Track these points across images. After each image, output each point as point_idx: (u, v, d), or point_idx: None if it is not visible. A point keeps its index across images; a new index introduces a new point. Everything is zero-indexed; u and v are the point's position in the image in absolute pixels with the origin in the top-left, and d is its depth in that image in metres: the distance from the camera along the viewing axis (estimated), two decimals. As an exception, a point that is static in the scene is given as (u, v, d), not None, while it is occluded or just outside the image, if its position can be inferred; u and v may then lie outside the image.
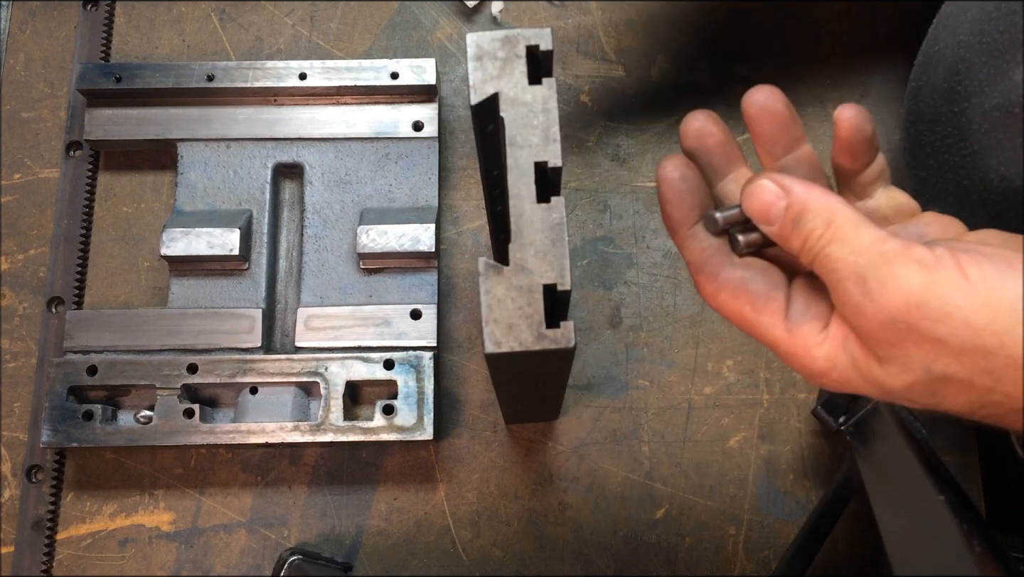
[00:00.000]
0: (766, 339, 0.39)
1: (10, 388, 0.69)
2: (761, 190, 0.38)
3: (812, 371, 0.38)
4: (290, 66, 0.69)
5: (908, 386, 0.35)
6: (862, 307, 0.35)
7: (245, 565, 0.66)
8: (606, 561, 0.65)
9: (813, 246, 0.36)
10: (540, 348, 0.38)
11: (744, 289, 0.39)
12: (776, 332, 0.38)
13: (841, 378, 0.37)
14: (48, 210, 0.72)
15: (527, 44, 0.40)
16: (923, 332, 0.34)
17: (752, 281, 0.39)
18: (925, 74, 0.55)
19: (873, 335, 0.35)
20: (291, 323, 0.68)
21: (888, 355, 0.35)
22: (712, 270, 0.40)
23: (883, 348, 0.35)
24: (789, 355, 0.38)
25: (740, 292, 0.39)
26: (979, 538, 0.42)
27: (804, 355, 0.38)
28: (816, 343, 0.37)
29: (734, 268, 0.40)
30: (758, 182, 0.38)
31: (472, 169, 0.73)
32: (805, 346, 0.38)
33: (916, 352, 0.34)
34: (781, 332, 0.38)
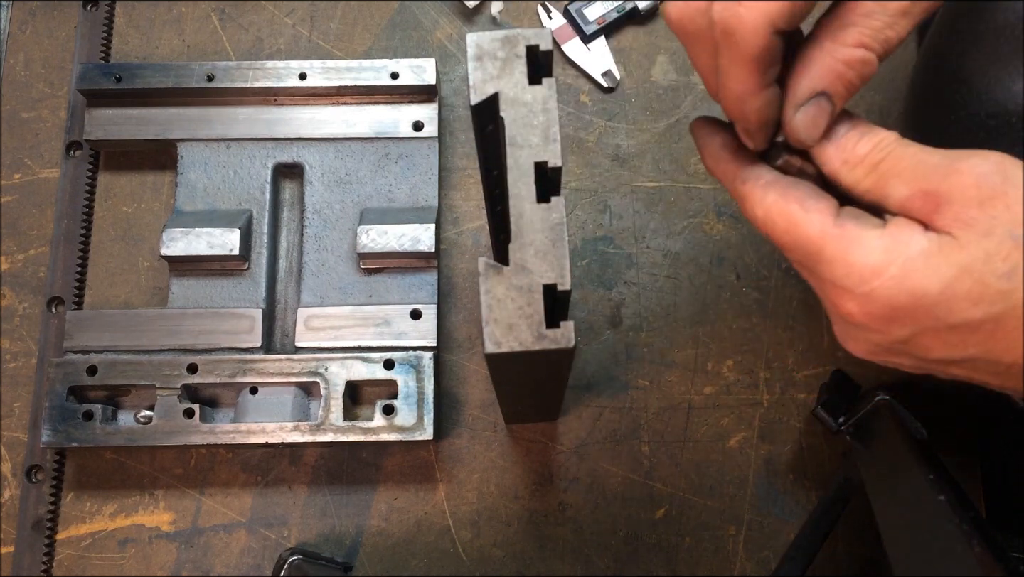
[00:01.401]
0: (812, 240, 0.37)
1: (10, 388, 0.69)
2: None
3: (865, 267, 0.35)
4: (290, 66, 0.69)
5: (989, 255, 0.34)
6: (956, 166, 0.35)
7: (245, 565, 0.66)
8: (606, 561, 0.65)
9: (888, 145, 0.37)
10: (540, 348, 0.38)
11: (794, 190, 0.38)
12: (825, 228, 0.36)
13: (900, 273, 0.35)
14: (48, 210, 0.72)
15: (527, 44, 0.40)
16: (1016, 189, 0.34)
17: (803, 185, 0.38)
18: (923, 80, 0.55)
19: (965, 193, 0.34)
20: (291, 323, 0.68)
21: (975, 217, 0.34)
22: (759, 176, 0.39)
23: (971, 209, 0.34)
24: (839, 251, 0.36)
25: (789, 192, 0.38)
26: (979, 538, 0.42)
27: (858, 247, 0.35)
28: (873, 235, 0.35)
29: (782, 176, 0.39)
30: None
31: (472, 169, 0.73)
32: (860, 238, 0.36)
33: (1004, 213, 0.34)
34: (831, 228, 0.36)
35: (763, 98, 0.37)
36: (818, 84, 0.37)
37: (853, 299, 0.36)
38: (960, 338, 0.35)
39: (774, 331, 0.69)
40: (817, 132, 0.38)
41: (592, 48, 0.74)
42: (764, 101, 0.38)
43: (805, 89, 0.38)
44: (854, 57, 0.37)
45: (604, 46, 0.74)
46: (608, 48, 0.74)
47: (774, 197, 0.38)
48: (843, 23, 0.37)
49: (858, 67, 0.37)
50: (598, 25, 0.74)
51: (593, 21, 0.74)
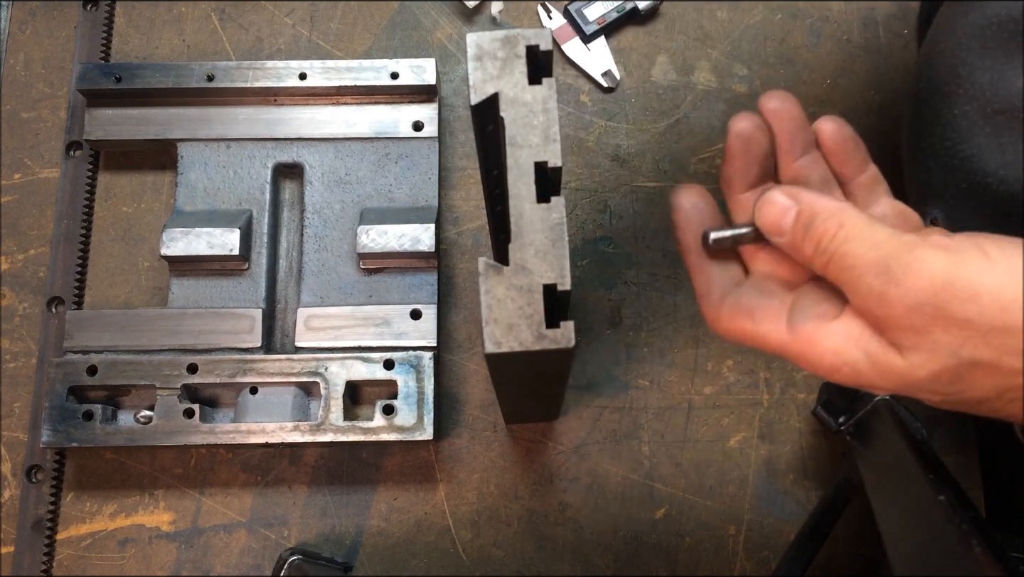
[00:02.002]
0: (771, 346, 0.39)
1: (10, 388, 0.69)
2: (771, 203, 0.39)
3: (822, 367, 0.38)
4: (290, 66, 0.69)
5: (933, 375, 0.35)
6: (886, 295, 0.35)
7: (245, 565, 0.66)
8: (606, 561, 0.65)
9: (827, 247, 0.37)
10: (540, 348, 0.38)
11: (739, 305, 0.40)
12: (779, 336, 0.39)
13: (852, 372, 0.37)
14: (48, 210, 0.72)
15: (527, 44, 0.40)
16: (951, 314, 0.33)
17: (745, 295, 0.40)
18: (925, 76, 0.55)
19: (899, 323, 0.35)
20: (291, 323, 0.68)
21: (913, 344, 0.35)
22: (714, 300, 0.41)
23: (908, 337, 0.35)
24: (797, 355, 0.39)
25: (736, 309, 0.40)
26: (979, 538, 0.42)
27: (811, 351, 0.38)
28: (822, 337, 0.37)
29: (734, 291, 0.41)
30: (767, 195, 0.39)
31: (472, 169, 0.73)
32: (811, 341, 0.38)
33: (943, 337, 0.34)
34: (784, 335, 0.39)
35: None
36: None
37: (827, 379, 0.39)
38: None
39: (774, 331, 0.69)
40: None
41: (592, 48, 0.74)
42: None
43: None
44: None
45: (604, 46, 0.74)
46: (608, 48, 0.74)
47: (728, 314, 0.40)
48: None
49: None
50: (598, 25, 0.74)
51: (593, 21, 0.74)
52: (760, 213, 0.40)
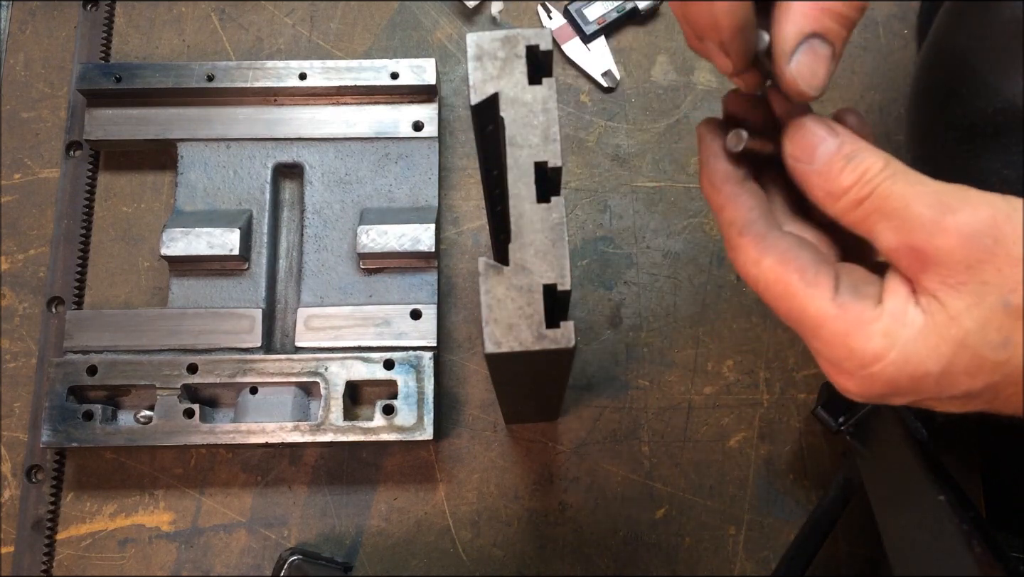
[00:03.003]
0: (809, 316, 0.34)
1: (10, 388, 0.69)
2: (808, 129, 0.35)
3: (866, 353, 0.33)
4: (290, 66, 0.69)
5: (981, 323, 0.32)
6: (941, 223, 0.32)
7: (245, 565, 0.66)
8: (606, 561, 0.65)
9: (873, 178, 0.34)
10: (540, 348, 0.38)
11: (794, 256, 0.35)
12: (824, 306, 0.34)
13: (900, 358, 0.33)
14: (48, 210, 0.72)
15: (527, 44, 0.40)
16: (1009, 251, 0.32)
17: (803, 249, 0.36)
18: (927, 76, 0.55)
19: (950, 256, 0.32)
20: (291, 323, 0.68)
21: (962, 281, 0.32)
22: (758, 231, 0.36)
23: (957, 273, 0.32)
24: (838, 334, 0.34)
25: (789, 259, 0.35)
26: (979, 538, 0.42)
27: (859, 331, 0.34)
28: (872, 318, 0.34)
29: (783, 235, 0.36)
30: (807, 121, 0.35)
31: (472, 169, 0.73)
32: (860, 321, 0.34)
33: (996, 276, 0.32)
34: (830, 307, 0.34)
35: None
36: (804, 26, 0.33)
37: (851, 378, 0.35)
38: (961, 403, 0.35)
39: (774, 331, 0.69)
40: (818, 81, 0.34)
41: (592, 48, 0.74)
42: None
43: (792, 33, 0.33)
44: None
45: (604, 46, 0.74)
46: (608, 48, 0.74)
47: (772, 262, 0.35)
48: None
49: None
50: (598, 25, 0.74)
51: (593, 21, 0.74)
52: (795, 136, 0.35)
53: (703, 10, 0.34)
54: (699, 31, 0.35)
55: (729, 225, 0.37)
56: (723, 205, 0.37)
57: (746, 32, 0.34)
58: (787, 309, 0.35)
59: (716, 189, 0.38)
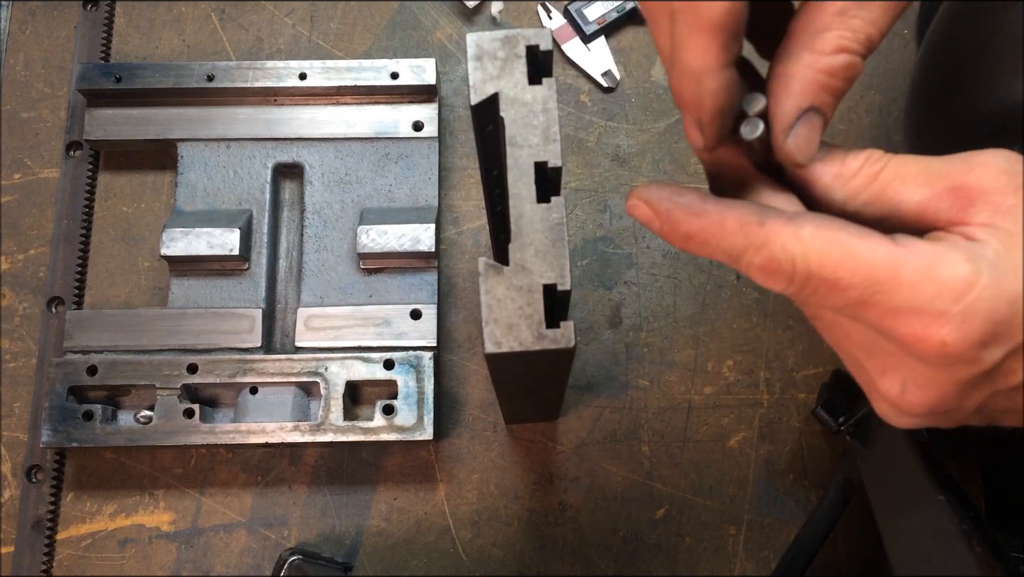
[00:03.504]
0: (879, 266, 0.31)
1: (10, 388, 0.69)
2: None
3: (957, 280, 0.30)
4: (290, 66, 0.69)
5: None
6: (973, 161, 0.32)
7: (245, 565, 0.66)
8: (606, 561, 0.65)
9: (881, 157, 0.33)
10: (540, 348, 0.38)
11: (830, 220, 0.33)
12: (891, 251, 0.31)
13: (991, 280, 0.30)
14: (48, 210, 0.72)
15: (527, 44, 0.40)
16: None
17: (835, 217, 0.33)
18: (925, 76, 0.55)
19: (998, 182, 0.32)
20: (291, 323, 0.68)
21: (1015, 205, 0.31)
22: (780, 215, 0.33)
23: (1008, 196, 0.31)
24: (920, 270, 0.31)
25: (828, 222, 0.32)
26: (979, 538, 0.42)
27: (941, 261, 0.30)
28: (947, 248, 0.31)
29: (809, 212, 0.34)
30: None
31: (472, 169, 0.73)
32: (936, 253, 0.31)
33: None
34: (897, 250, 0.31)
35: (722, 79, 0.32)
36: (803, 101, 0.34)
37: (948, 323, 0.31)
38: None
39: (774, 331, 0.69)
40: (812, 150, 0.34)
41: (592, 48, 0.74)
42: (722, 83, 0.33)
43: (791, 109, 0.34)
44: (837, 65, 0.33)
45: (604, 46, 0.74)
46: (608, 48, 0.74)
47: (812, 229, 0.32)
48: (817, 28, 0.33)
49: (842, 73, 0.33)
50: (598, 25, 0.74)
51: (593, 21, 0.74)
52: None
53: (689, 83, 0.33)
54: (682, 103, 0.34)
55: (744, 227, 0.33)
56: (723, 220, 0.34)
57: (726, 117, 0.34)
58: (851, 272, 0.31)
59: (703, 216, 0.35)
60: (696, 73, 0.32)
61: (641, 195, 0.35)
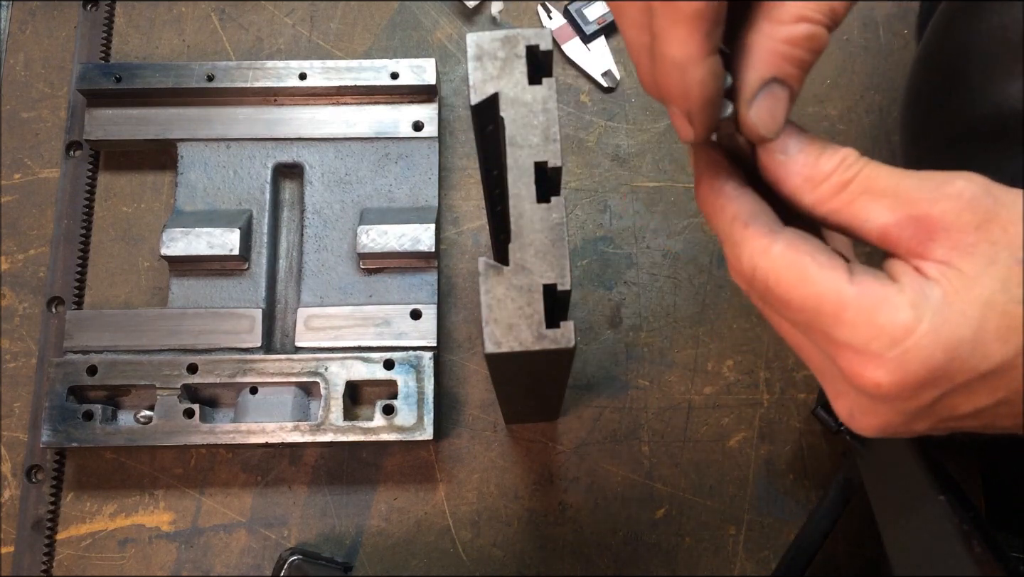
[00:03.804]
0: (828, 299, 0.32)
1: (10, 388, 0.69)
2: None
3: (896, 326, 0.31)
4: (290, 66, 0.69)
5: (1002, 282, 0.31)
6: (941, 191, 0.32)
7: (245, 565, 0.66)
8: (606, 561, 0.65)
9: (854, 163, 0.33)
10: (540, 348, 0.38)
11: (803, 241, 0.34)
12: (843, 287, 0.32)
13: (931, 328, 0.31)
14: (48, 210, 0.72)
15: (527, 44, 0.40)
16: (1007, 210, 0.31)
17: (810, 238, 0.34)
18: (922, 78, 0.55)
19: (960, 218, 0.32)
20: (291, 323, 0.68)
21: (972, 242, 0.31)
22: (765, 222, 0.34)
23: (969, 234, 0.31)
24: (863, 311, 0.32)
25: (799, 244, 0.33)
26: (979, 538, 0.42)
27: (884, 306, 0.31)
28: (894, 291, 0.32)
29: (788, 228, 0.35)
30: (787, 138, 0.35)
31: (472, 169, 0.73)
32: (884, 296, 0.32)
33: (1002, 236, 0.31)
34: (849, 287, 0.32)
35: (707, 67, 0.32)
36: (765, 71, 0.33)
37: (882, 365, 0.32)
38: (990, 385, 0.32)
39: (774, 331, 0.69)
40: (776, 124, 0.34)
41: (592, 48, 0.74)
42: (708, 71, 0.32)
43: (753, 79, 0.33)
44: (797, 34, 0.33)
45: (604, 46, 0.74)
46: (608, 48, 0.74)
47: (782, 248, 0.33)
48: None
49: (804, 44, 0.33)
50: (598, 25, 0.74)
51: (593, 21, 0.74)
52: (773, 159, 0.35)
53: (673, 75, 0.33)
54: (668, 96, 0.34)
55: (732, 220, 0.35)
56: (724, 205, 0.36)
57: (715, 105, 0.34)
58: (801, 298, 0.33)
59: (716, 191, 0.36)
60: (680, 64, 0.32)
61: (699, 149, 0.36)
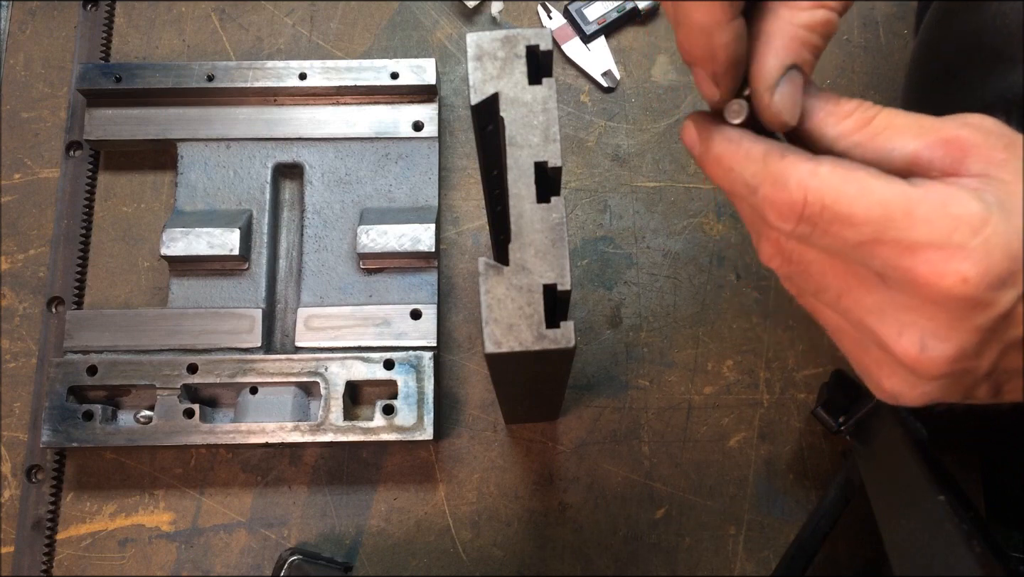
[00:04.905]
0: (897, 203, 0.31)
1: (10, 388, 0.69)
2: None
3: (973, 215, 0.31)
4: (290, 66, 0.69)
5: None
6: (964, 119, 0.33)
7: (245, 565, 0.66)
8: (606, 561, 0.65)
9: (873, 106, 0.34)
10: (540, 348, 0.38)
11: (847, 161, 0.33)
12: (906, 189, 0.32)
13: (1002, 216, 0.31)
14: (48, 210, 0.72)
15: (527, 44, 0.41)
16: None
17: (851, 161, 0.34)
18: (919, 73, 0.55)
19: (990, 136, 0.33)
20: (291, 323, 0.68)
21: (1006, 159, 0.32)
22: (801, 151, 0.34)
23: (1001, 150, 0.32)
24: (936, 206, 0.31)
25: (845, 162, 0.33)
26: (979, 538, 0.42)
27: (955, 198, 0.31)
28: (958, 189, 0.31)
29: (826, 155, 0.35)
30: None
31: (472, 169, 0.73)
32: (951, 193, 0.31)
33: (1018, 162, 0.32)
34: (911, 189, 0.32)
35: (732, 30, 0.33)
36: (786, 58, 0.34)
37: (968, 257, 0.30)
38: None
39: (774, 331, 0.69)
40: (797, 108, 0.35)
41: (592, 48, 0.74)
42: (732, 34, 0.33)
43: (774, 66, 0.34)
44: (816, 20, 0.34)
45: (604, 46, 0.74)
46: (608, 48, 0.74)
47: (830, 167, 0.32)
48: None
49: (821, 29, 0.34)
50: (598, 25, 0.74)
51: (593, 21, 0.74)
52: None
53: (699, 39, 0.34)
54: (694, 59, 0.35)
55: (765, 157, 0.34)
56: (750, 148, 0.35)
57: (740, 66, 0.35)
58: (867, 207, 0.32)
59: (736, 141, 0.35)
60: (706, 29, 0.33)
61: (693, 118, 0.37)
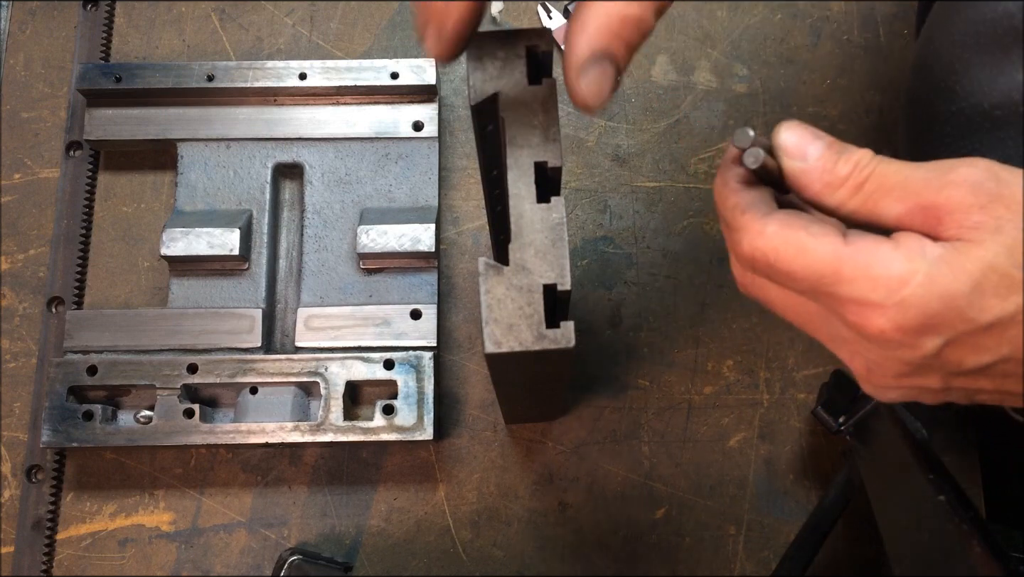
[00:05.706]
0: (826, 263, 0.35)
1: (10, 388, 0.69)
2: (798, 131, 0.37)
3: (891, 277, 0.34)
4: (290, 66, 0.69)
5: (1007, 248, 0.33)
6: (946, 179, 0.34)
7: (245, 565, 0.66)
8: (606, 561, 0.65)
9: (867, 164, 0.36)
10: (540, 348, 0.38)
11: (796, 217, 0.36)
12: (838, 249, 0.35)
13: (926, 279, 0.34)
14: (48, 210, 0.72)
15: (527, 44, 0.41)
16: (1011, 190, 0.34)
17: (802, 214, 0.37)
18: (921, 74, 0.55)
19: (964, 201, 0.34)
20: (291, 323, 0.68)
21: (979, 222, 0.34)
22: (762, 209, 0.37)
23: (974, 215, 0.34)
24: (860, 266, 0.34)
25: (792, 220, 0.36)
26: (979, 538, 0.42)
27: (879, 259, 0.34)
28: (889, 248, 0.35)
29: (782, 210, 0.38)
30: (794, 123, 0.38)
31: (472, 169, 0.73)
32: (878, 251, 0.34)
33: (1006, 212, 0.34)
34: (843, 247, 0.35)
35: None
36: (596, 44, 0.37)
37: (883, 313, 0.35)
38: (993, 339, 0.35)
39: (774, 331, 0.69)
40: (603, 96, 0.38)
41: (592, 48, 0.74)
42: None
43: (584, 49, 0.37)
44: (628, 14, 0.37)
45: (604, 46, 0.74)
46: (608, 48, 0.74)
47: (776, 227, 0.36)
48: None
49: (633, 23, 0.37)
50: (598, 25, 0.74)
51: (593, 21, 0.74)
52: (787, 136, 0.37)
53: None
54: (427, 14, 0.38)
55: (732, 209, 0.38)
56: (727, 196, 0.38)
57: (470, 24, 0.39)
58: (802, 267, 0.36)
59: (723, 185, 0.39)
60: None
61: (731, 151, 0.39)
